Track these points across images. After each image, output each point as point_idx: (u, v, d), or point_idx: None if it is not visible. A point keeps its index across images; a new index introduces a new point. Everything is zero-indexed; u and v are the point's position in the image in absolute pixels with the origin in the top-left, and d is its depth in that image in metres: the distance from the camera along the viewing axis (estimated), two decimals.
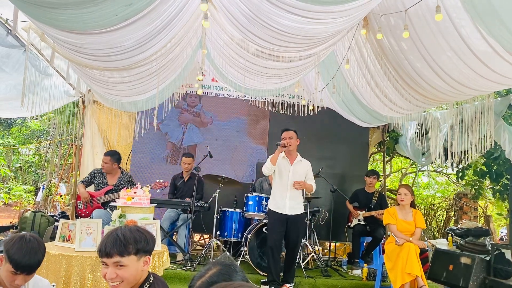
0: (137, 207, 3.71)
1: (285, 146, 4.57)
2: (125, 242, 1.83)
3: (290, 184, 4.65)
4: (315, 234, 5.99)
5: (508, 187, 5.54)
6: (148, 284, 1.91)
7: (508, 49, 3.31)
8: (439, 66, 4.02)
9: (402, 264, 4.36)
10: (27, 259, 2.15)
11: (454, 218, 9.32)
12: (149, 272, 1.96)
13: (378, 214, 5.93)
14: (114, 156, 5.35)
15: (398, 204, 4.89)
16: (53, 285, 2.56)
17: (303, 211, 4.82)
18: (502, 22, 3.00)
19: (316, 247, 5.96)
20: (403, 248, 4.47)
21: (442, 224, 9.82)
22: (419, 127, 6.81)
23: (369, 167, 8.22)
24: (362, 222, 6.06)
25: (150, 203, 3.93)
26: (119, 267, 1.82)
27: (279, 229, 4.63)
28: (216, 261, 1.45)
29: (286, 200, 4.65)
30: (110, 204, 5.04)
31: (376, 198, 6.18)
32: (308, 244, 5.79)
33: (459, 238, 5.72)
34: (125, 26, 3.23)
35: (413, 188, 10.83)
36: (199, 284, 1.37)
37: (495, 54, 3.46)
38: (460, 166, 6.95)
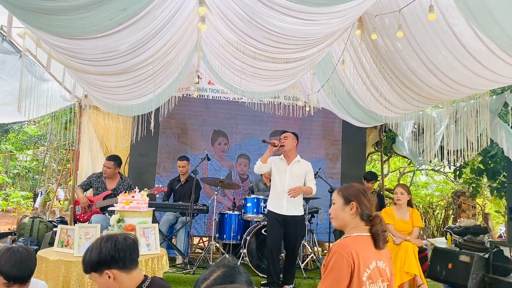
0: (135, 211, 3.71)
1: (276, 146, 4.58)
2: (84, 262, 1.93)
3: (287, 185, 4.64)
4: (314, 235, 5.98)
5: (506, 185, 5.55)
6: None
7: (502, 47, 3.33)
8: (434, 65, 4.03)
9: (400, 264, 4.37)
10: (16, 270, 2.14)
11: (452, 216, 9.33)
12: (145, 276, 1.97)
13: None
14: (116, 161, 5.38)
15: (396, 204, 4.89)
16: None
17: (302, 212, 4.80)
18: (495, 20, 3.02)
19: (315, 248, 5.95)
20: (400, 247, 4.48)
21: (440, 222, 9.82)
22: (416, 126, 6.81)
23: (367, 167, 8.21)
24: None
25: (149, 207, 3.93)
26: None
27: (278, 230, 4.63)
28: (220, 263, 1.42)
29: (283, 201, 4.63)
30: (108, 209, 5.04)
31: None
32: (307, 245, 5.78)
33: (458, 236, 5.71)
34: (120, 30, 3.23)
35: (411, 187, 10.90)
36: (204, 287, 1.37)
37: (489, 52, 3.47)
38: (457, 164, 6.96)
